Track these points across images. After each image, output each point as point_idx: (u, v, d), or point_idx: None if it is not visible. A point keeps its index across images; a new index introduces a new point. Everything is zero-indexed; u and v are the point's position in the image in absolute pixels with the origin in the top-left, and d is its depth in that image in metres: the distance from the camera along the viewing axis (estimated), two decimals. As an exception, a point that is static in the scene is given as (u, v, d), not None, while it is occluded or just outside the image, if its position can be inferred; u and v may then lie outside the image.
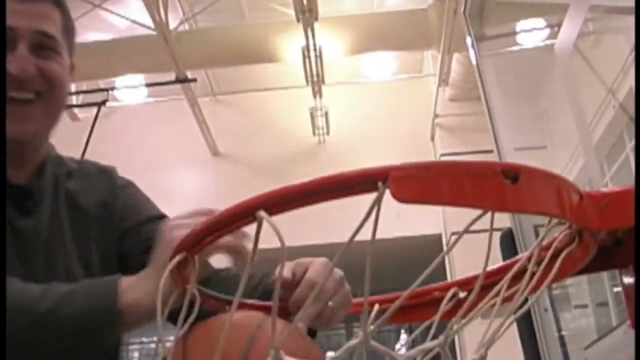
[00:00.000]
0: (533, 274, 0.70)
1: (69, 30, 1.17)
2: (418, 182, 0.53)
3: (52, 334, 0.85)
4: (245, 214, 0.56)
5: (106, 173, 1.28)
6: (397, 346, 12.60)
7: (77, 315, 0.85)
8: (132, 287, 0.88)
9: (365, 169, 0.52)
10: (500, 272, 0.81)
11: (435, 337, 0.74)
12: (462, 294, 0.82)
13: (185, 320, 0.68)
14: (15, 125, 1.06)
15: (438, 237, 9.69)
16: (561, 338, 3.37)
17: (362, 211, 0.54)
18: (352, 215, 0.84)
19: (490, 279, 0.87)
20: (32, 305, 0.86)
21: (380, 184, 0.50)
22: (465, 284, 0.86)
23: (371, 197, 0.52)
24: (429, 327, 0.79)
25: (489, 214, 0.59)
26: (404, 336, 13.22)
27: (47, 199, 1.15)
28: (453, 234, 9.00)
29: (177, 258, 0.64)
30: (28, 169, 1.14)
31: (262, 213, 0.53)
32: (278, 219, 0.56)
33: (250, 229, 0.58)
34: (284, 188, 0.53)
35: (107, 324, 0.84)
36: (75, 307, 0.86)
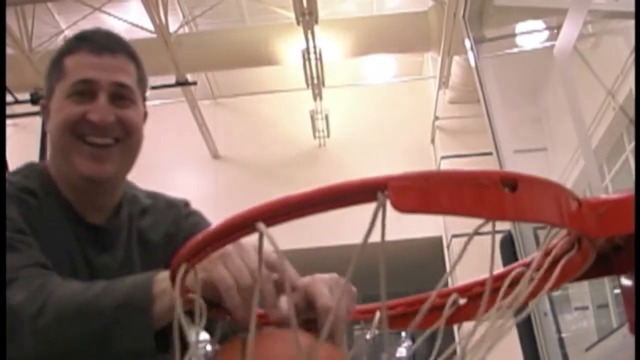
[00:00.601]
0: (532, 281, 0.71)
1: (142, 81, 1.28)
2: (417, 192, 0.53)
3: (95, 316, 0.91)
4: (244, 224, 0.56)
5: (174, 206, 1.37)
6: (398, 348, 12.60)
7: (117, 298, 0.91)
8: (165, 278, 0.91)
9: (364, 179, 0.52)
10: (501, 278, 0.81)
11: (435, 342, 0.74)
12: (462, 301, 0.82)
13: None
14: (96, 166, 1.19)
15: (439, 240, 9.68)
16: (561, 340, 3.37)
17: (363, 213, 0.55)
18: (353, 217, 0.84)
19: (492, 285, 0.88)
20: (78, 294, 0.94)
21: (379, 194, 0.51)
22: (465, 290, 0.86)
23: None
24: (430, 334, 0.79)
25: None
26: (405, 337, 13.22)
27: (121, 238, 1.26)
28: (454, 236, 9.00)
29: (179, 269, 0.65)
30: (105, 211, 1.26)
31: (261, 225, 0.53)
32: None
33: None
34: (283, 199, 0.54)
35: (142, 307, 0.89)
36: (116, 293, 0.92)
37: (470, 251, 0.65)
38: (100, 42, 1.22)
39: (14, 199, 1.15)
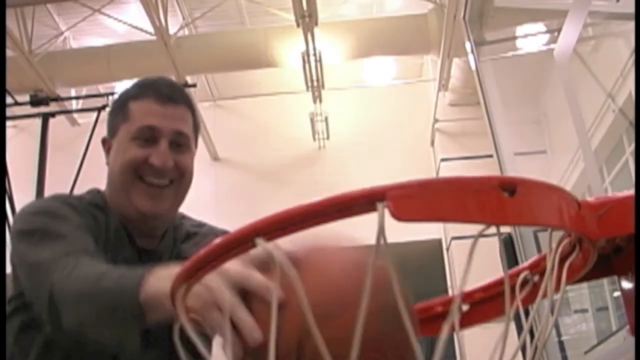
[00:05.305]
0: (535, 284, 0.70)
1: (197, 127, 1.45)
2: (416, 201, 0.52)
3: (92, 301, 1.04)
4: (243, 240, 0.56)
5: (217, 233, 1.46)
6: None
7: (109, 290, 1.02)
8: (154, 281, 0.99)
9: (362, 190, 0.51)
10: (503, 282, 0.81)
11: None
12: (464, 307, 0.81)
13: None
14: (152, 203, 1.34)
15: (438, 242, 9.67)
16: (561, 344, 3.37)
17: (361, 219, 0.54)
18: (348, 222, 0.84)
19: (494, 290, 0.87)
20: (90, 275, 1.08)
21: (378, 204, 0.50)
22: (467, 297, 0.85)
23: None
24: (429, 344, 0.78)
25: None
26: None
27: (164, 260, 1.36)
28: (453, 238, 8.99)
29: (179, 289, 0.64)
30: (154, 238, 1.40)
31: (259, 241, 0.52)
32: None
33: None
34: (282, 213, 0.53)
35: (131, 305, 0.97)
36: (108, 283, 1.03)
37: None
38: (164, 92, 1.35)
39: (85, 213, 1.30)
